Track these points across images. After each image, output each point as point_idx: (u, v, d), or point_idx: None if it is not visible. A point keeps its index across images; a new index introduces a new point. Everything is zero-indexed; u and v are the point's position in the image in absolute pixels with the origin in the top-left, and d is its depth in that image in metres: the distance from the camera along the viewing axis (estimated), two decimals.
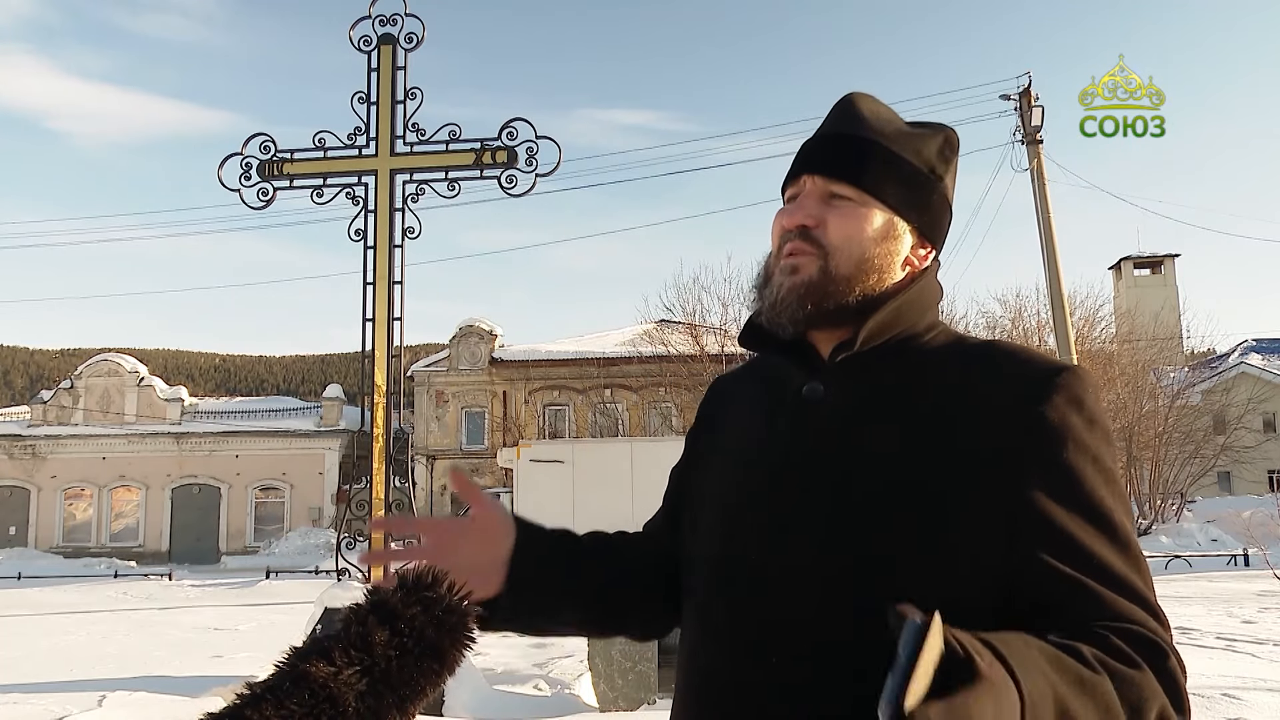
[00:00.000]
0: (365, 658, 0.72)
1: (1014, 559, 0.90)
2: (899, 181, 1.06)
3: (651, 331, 28.37)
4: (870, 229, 1.04)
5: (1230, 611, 10.10)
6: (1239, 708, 5.07)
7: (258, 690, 0.72)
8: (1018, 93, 17.33)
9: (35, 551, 30.14)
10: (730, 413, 1.16)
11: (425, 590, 0.76)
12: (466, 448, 30.65)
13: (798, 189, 1.08)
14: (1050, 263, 17.02)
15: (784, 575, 0.96)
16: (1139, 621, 0.85)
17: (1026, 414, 0.93)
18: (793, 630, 0.93)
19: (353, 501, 6.67)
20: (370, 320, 6.40)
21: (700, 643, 1.04)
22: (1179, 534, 22.30)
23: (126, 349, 34.86)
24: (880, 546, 0.92)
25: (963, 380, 0.98)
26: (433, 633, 0.75)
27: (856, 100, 1.10)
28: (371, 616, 0.74)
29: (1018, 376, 0.96)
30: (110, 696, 6.18)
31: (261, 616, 12.44)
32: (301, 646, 0.75)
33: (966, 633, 0.71)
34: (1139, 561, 0.90)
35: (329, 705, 0.70)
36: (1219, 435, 28.68)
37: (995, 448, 0.93)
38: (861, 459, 0.97)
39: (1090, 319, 26.91)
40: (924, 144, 1.09)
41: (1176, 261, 43.47)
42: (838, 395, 1.02)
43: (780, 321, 1.04)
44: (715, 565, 1.03)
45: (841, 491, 0.96)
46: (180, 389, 33.39)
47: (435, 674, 0.74)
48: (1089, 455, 0.92)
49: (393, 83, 6.61)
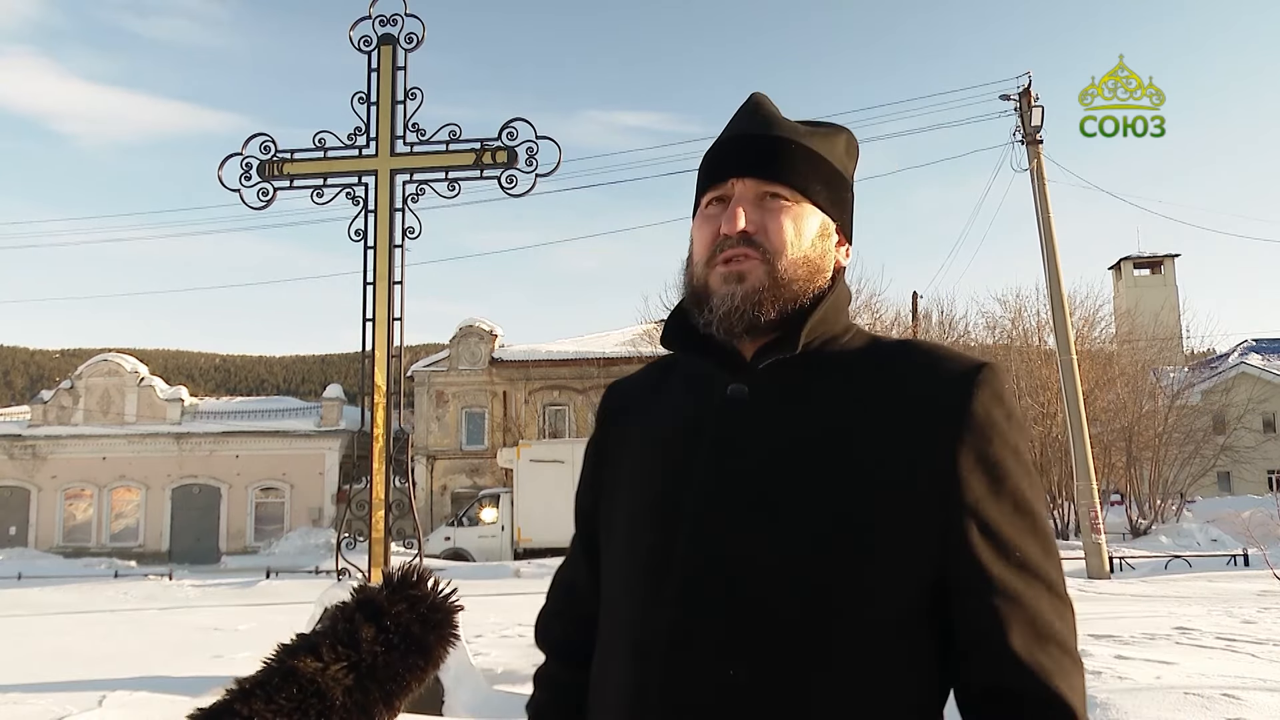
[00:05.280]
0: (352, 653, 0.73)
1: (945, 550, 0.93)
2: (823, 181, 1.05)
3: (651, 331, 28.35)
4: (808, 228, 1.03)
5: (1230, 611, 10.09)
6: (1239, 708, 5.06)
7: (247, 685, 0.73)
8: (1018, 93, 17.34)
9: (35, 551, 30.14)
10: (642, 417, 1.12)
11: (411, 588, 0.77)
12: (466, 448, 30.65)
13: (724, 192, 1.05)
14: (1050, 263, 17.02)
15: (711, 583, 0.93)
16: (1031, 666, 0.90)
17: (951, 410, 0.95)
18: (734, 637, 0.91)
19: (353, 501, 6.67)
20: (370, 320, 6.41)
21: (617, 653, 1.01)
22: (1179, 534, 22.27)
23: (126, 349, 34.85)
24: (817, 549, 0.92)
25: (884, 380, 0.99)
26: (418, 629, 0.76)
27: (763, 102, 1.09)
28: (359, 613, 0.75)
29: (939, 374, 0.98)
30: (110, 696, 6.18)
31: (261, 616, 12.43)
32: (290, 643, 0.76)
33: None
34: (1051, 547, 0.97)
35: (317, 700, 0.71)
36: (1219, 435, 28.66)
37: (921, 445, 0.94)
38: (785, 463, 0.95)
39: (1090, 319, 26.91)
40: (834, 143, 1.09)
41: (1176, 261, 43.52)
42: (762, 398, 1.00)
43: (735, 332, 1.01)
44: (637, 575, 1.01)
45: (775, 496, 0.94)
46: (180, 389, 33.37)
47: (421, 670, 0.76)
48: (1010, 448, 0.96)
49: (393, 83, 6.62)
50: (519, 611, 11.39)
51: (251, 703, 0.71)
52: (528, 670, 7.64)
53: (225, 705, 0.72)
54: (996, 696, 0.91)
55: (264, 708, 0.70)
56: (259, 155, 6.60)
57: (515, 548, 22.77)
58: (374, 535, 6.25)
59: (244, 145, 6.63)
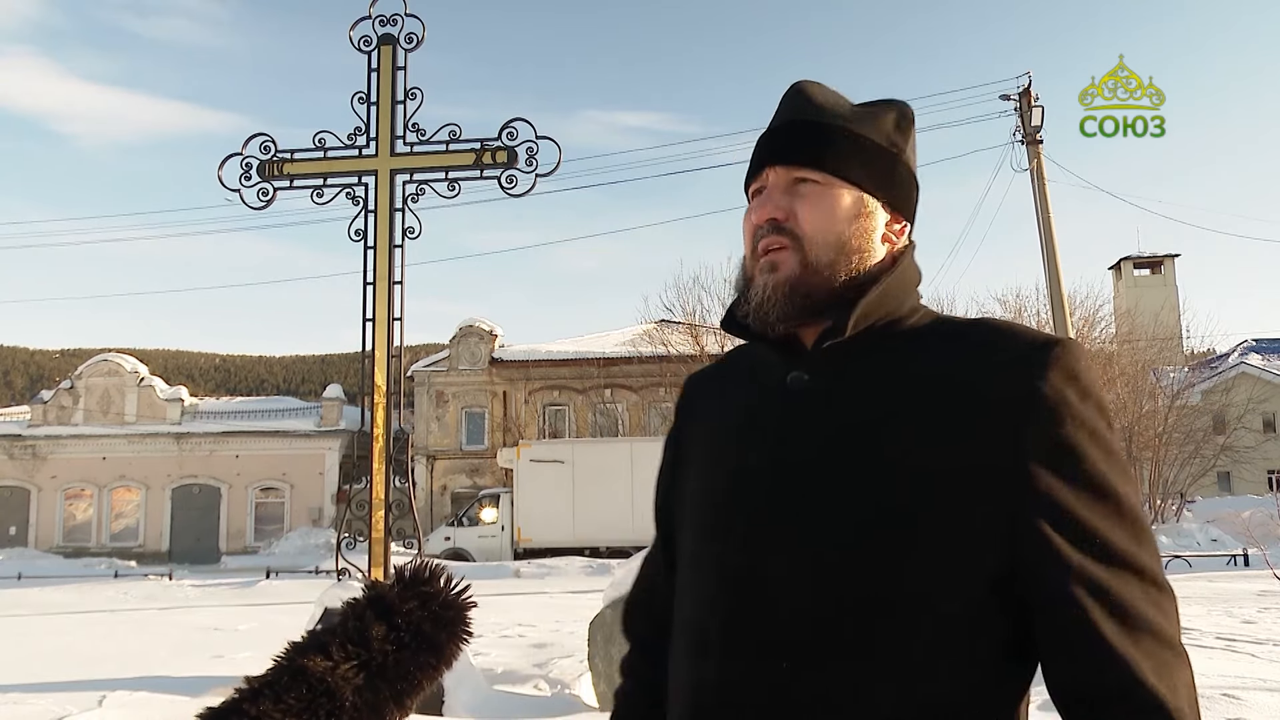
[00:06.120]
0: (363, 652, 0.72)
1: (1016, 543, 0.88)
2: (861, 158, 1.03)
3: (651, 331, 28.38)
4: (841, 209, 1.01)
5: (1230, 611, 10.09)
6: (1239, 708, 5.06)
7: (256, 684, 0.72)
8: (1018, 93, 17.34)
9: (35, 551, 30.13)
10: (710, 409, 1.12)
11: (422, 585, 0.76)
12: (466, 448, 30.63)
13: (761, 183, 1.06)
14: (1050, 263, 17.02)
15: (776, 574, 0.92)
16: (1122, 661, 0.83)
17: (1017, 391, 0.90)
18: (788, 635, 0.90)
19: (353, 501, 6.66)
20: (370, 320, 6.40)
21: (683, 650, 1.01)
22: (1179, 534, 22.28)
23: (126, 349, 34.83)
24: (870, 541, 0.90)
25: (951, 362, 0.95)
26: (430, 628, 0.75)
27: (806, 87, 1.08)
28: (369, 611, 0.74)
29: (1009, 353, 0.93)
30: (110, 696, 6.17)
31: (261, 616, 12.42)
32: (299, 641, 0.75)
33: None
34: (1142, 533, 0.89)
35: (326, 699, 0.70)
36: (1219, 435, 28.68)
37: (990, 429, 0.90)
38: (832, 453, 0.94)
39: (1090, 319, 26.93)
40: (880, 119, 1.06)
41: (1176, 261, 43.50)
42: (822, 384, 0.98)
43: (770, 321, 1.00)
44: (695, 573, 1.01)
45: (829, 487, 0.93)
46: (180, 389, 33.36)
47: (432, 669, 0.75)
48: (1086, 429, 0.89)
49: (393, 83, 6.61)
50: (519, 611, 11.39)
51: (260, 702, 0.70)
52: (528, 670, 7.63)
53: (234, 704, 0.71)
54: (1084, 697, 0.85)
55: (272, 707, 0.69)
56: (259, 155, 6.59)
57: (515, 548, 22.77)
58: (374, 535, 6.24)
59: (244, 145, 6.62)
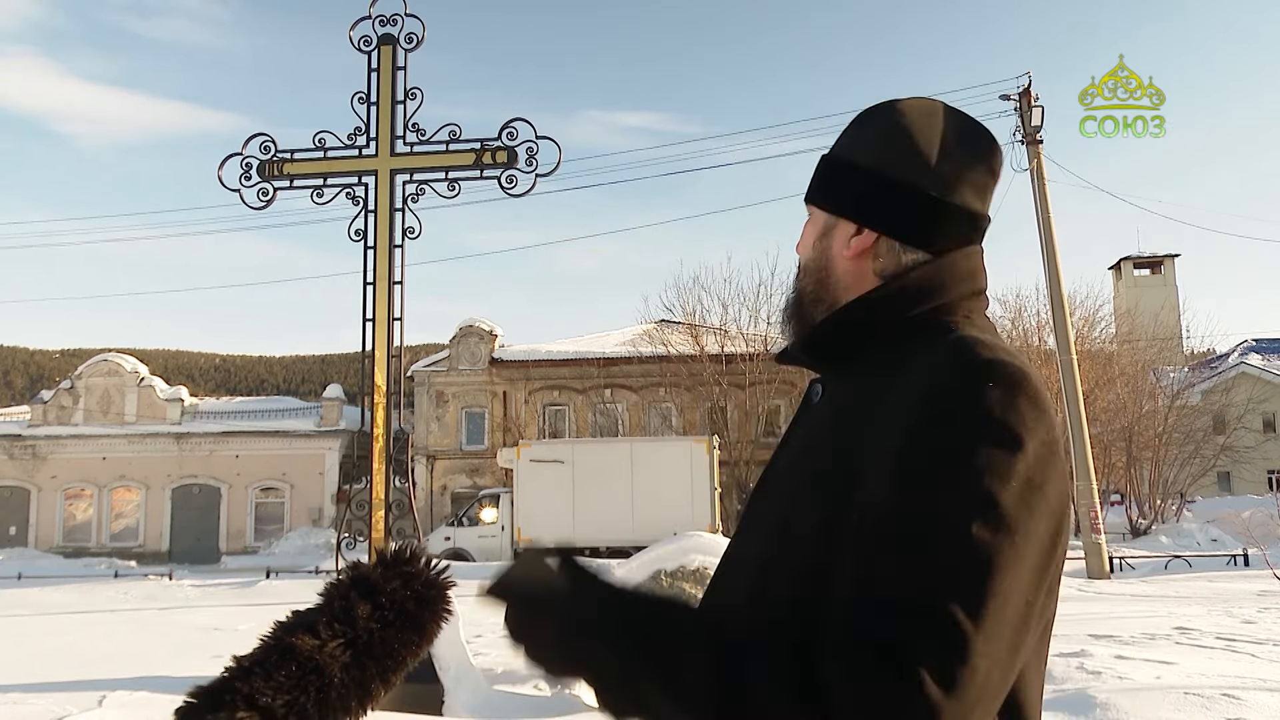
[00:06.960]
0: (349, 630, 0.74)
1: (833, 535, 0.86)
2: (831, 183, 1.07)
3: (651, 332, 28.40)
4: (810, 237, 1.08)
5: (1230, 611, 10.09)
6: (1239, 708, 5.06)
7: (246, 663, 0.74)
8: (1018, 93, 17.36)
9: (35, 551, 30.14)
10: None
11: (404, 566, 0.79)
12: (466, 448, 30.63)
13: None
14: (1050, 263, 17.03)
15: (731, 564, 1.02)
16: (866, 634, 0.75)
17: (905, 403, 0.86)
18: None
19: (353, 501, 6.68)
20: (370, 320, 6.42)
21: None
22: (1179, 534, 22.28)
23: (126, 349, 34.82)
24: (766, 556, 0.95)
25: (886, 377, 0.92)
26: (413, 606, 0.77)
27: (853, 123, 1.08)
28: (353, 591, 0.76)
29: (925, 368, 0.88)
30: (110, 696, 6.18)
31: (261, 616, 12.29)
32: (287, 620, 0.77)
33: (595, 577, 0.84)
34: (929, 569, 0.76)
35: (315, 676, 0.72)
36: (1219, 435, 28.67)
37: (868, 440, 0.88)
38: (794, 461, 1.01)
39: (1090, 319, 26.95)
40: (860, 134, 1.06)
41: (1176, 261, 43.51)
42: (824, 398, 1.04)
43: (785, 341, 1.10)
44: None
45: (773, 493, 1.01)
46: (180, 389, 33.36)
47: (415, 645, 0.77)
48: (941, 451, 0.81)
49: (393, 83, 6.63)
50: None
51: (251, 680, 0.72)
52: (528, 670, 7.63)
53: (224, 682, 0.72)
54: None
55: (263, 685, 0.71)
56: (259, 155, 6.62)
57: (515, 548, 22.75)
58: (374, 535, 6.26)
59: (244, 145, 6.64)
